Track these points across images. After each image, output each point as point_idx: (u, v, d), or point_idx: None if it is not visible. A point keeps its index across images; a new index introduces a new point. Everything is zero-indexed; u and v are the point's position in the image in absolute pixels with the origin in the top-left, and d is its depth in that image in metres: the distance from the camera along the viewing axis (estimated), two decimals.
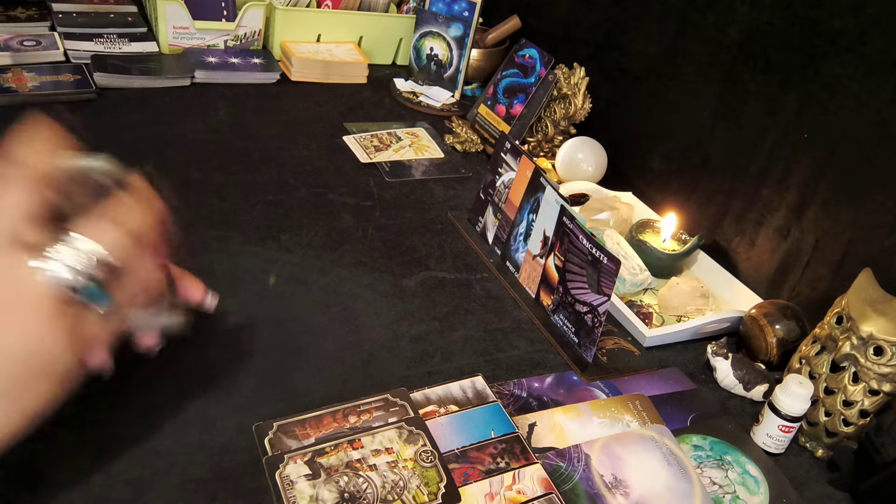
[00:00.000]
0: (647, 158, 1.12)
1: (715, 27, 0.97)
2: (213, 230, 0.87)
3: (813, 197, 0.86)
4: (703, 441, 0.72)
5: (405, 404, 0.68)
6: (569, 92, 1.14)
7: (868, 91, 0.78)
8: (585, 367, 0.77)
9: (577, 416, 0.71)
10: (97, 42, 1.21)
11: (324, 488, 0.58)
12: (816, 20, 0.83)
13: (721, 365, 0.79)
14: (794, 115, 0.87)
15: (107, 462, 0.57)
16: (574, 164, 1.11)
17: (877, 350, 0.67)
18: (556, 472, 0.64)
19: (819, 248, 0.85)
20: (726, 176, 0.98)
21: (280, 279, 0.82)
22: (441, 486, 0.60)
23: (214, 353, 0.70)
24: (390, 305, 0.82)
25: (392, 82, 1.36)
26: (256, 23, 1.31)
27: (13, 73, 1.09)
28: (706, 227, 1.01)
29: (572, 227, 0.78)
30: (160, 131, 1.06)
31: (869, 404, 0.68)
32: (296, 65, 1.29)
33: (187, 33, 1.25)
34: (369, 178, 1.06)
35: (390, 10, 1.44)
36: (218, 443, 0.61)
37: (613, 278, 0.72)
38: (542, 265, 0.84)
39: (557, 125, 1.16)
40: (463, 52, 1.30)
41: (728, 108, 0.97)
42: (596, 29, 1.21)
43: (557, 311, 0.82)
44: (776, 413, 0.70)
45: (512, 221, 0.90)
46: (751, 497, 0.66)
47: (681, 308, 0.88)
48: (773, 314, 0.81)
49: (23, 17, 1.23)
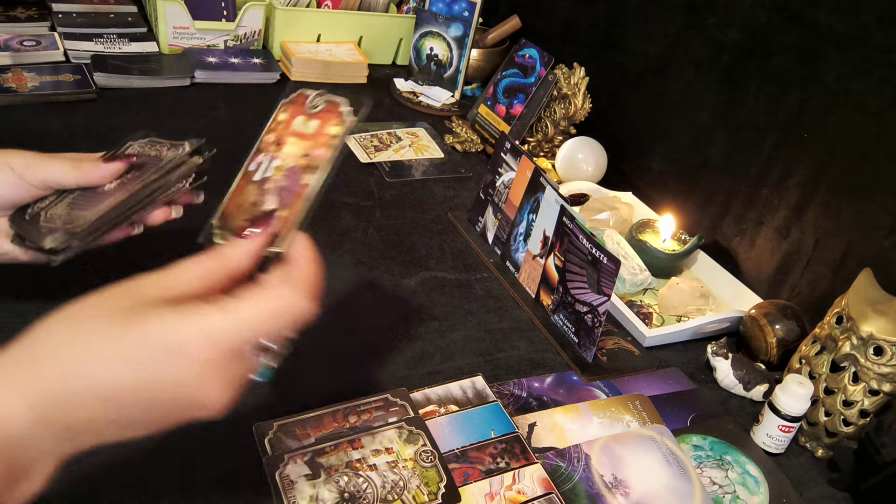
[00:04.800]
0: (647, 158, 1.12)
1: (715, 27, 0.97)
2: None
3: (813, 197, 0.86)
4: (703, 441, 0.72)
5: (405, 404, 0.68)
6: (569, 92, 1.14)
7: (868, 91, 0.78)
8: (585, 367, 0.77)
9: (577, 416, 0.71)
10: (97, 42, 1.21)
11: (324, 488, 0.58)
12: (816, 20, 0.83)
13: (721, 365, 0.79)
14: (794, 115, 0.87)
15: (107, 462, 0.57)
16: (574, 164, 1.11)
17: (877, 350, 0.67)
18: (556, 472, 0.64)
19: (819, 248, 0.86)
20: (726, 176, 0.98)
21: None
22: (441, 486, 0.60)
23: None
24: (390, 305, 0.82)
25: (392, 82, 1.36)
26: (256, 23, 1.31)
27: (13, 73, 1.09)
28: (706, 227, 1.01)
29: (572, 227, 0.78)
30: (160, 131, 1.06)
31: (869, 404, 0.68)
32: (296, 65, 1.29)
33: (187, 33, 1.25)
34: (369, 177, 1.06)
35: (390, 10, 1.44)
36: (218, 443, 0.61)
37: (613, 278, 0.72)
38: (542, 265, 0.84)
39: (557, 125, 1.16)
40: (463, 52, 1.30)
41: (728, 108, 0.97)
42: (596, 29, 1.21)
43: (557, 311, 0.82)
44: (776, 413, 0.70)
45: (512, 221, 0.90)
46: (751, 497, 0.66)
47: (681, 308, 0.88)
48: (773, 314, 0.81)
49: (23, 17, 1.23)
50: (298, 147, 0.51)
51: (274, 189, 0.49)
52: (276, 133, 0.52)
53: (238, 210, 0.50)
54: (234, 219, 0.50)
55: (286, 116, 0.52)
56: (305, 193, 0.49)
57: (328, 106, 0.52)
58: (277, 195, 0.49)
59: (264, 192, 0.50)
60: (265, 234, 0.47)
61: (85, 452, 0.40)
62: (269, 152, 0.51)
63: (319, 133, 0.51)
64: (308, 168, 0.49)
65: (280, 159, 0.50)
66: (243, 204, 0.50)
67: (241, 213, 0.50)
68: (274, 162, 0.51)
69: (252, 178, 0.51)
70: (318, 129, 0.51)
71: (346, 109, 0.51)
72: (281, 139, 0.51)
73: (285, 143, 0.51)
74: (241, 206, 0.50)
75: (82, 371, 0.38)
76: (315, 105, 0.52)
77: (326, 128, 0.51)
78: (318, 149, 0.50)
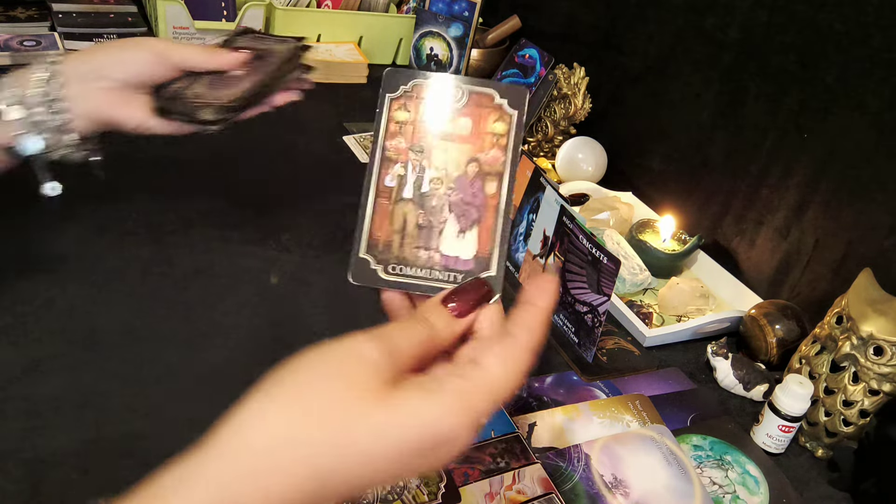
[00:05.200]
0: (647, 158, 1.12)
1: (715, 27, 0.97)
2: (213, 230, 0.87)
3: (813, 197, 0.86)
4: (703, 441, 0.72)
5: None
6: (569, 92, 1.14)
7: (868, 91, 0.78)
8: (585, 367, 0.77)
9: (577, 416, 0.71)
10: (97, 42, 1.21)
11: None
12: (816, 20, 0.83)
13: (721, 365, 0.79)
14: (794, 115, 0.87)
15: (107, 461, 0.57)
16: (574, 164, 1.11)
17: (877, 350, 0.67)
18: (556, 472, 0.64)
19: (819, 248, 0.85)
20: (726, 176, 0.98)
21: (280, 279, 0.82)
22: (441, 486, 0.60)
23: (214, 353, 0.70)
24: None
25: None
26: (256, 23, 1.31)
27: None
28: (706, 227, 1.01)
29: (572, 227, 0.78)
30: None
31: (869, 404, 0.68)
32: None
33: (187, 33, 1.25)
34: None
35: (390, 10, 1.44)
36: None
37: (613, 278, 0.72)
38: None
39: (557, 125, 1.16)
40: (463, 52, 1.30)
41: (728, 108, 0.97)
42: (596, 29, 1.21)
43: (557, 311, 0.82)
44: (776, 413, 0.70)
45: (512, 221, 0.90)
46: (751, 497, 0.66)
47: (681, 308, 0.88)
48: (773, 314, 0.81)
49: (23, 17, 1.23)
50: (456, 152, 0.42)
51: (447, 206, 0.42)
52: (407, 137, 0.43)
53: (395, 235, 0.42)
54: (397, 248, 0.42)
55: (410, 115, 0.43)
56: (496, 206, 0.42)
57: (475, 98, 0.43)
58: (459, 213, 0.42)
59: (432, 212, 0.42)
60: (469, 294, 0.39)
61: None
62: (407, 161, 0.43)
63: (479, 133, 0.43)
64: (486, 175, 0.42)
65: (434, 169, 0.42)
66: (401, 228, 0.42)
67: (404, 239, 0.42)
68: (428, 173, 0.42)
69: (398, 195, 0.42)
70: (475, 129, 0.43)
71: (501, 101, 0.43)
72: (421, 144, 0.43)
73: (433, 149, 0.43)
74: (400, 231, 0.42)
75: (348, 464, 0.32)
76: (454, 96, 0.43)
77: (485, 125, 0.43)
78: (485, 151, 0.42)
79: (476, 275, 0.42)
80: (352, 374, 0.33)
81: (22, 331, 0.67)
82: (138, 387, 0.64)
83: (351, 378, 0.33)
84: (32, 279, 0.74)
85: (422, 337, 0.37)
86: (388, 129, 0.43)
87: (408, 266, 0.42)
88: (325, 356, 0.34)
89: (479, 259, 0.42)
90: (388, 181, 0.42)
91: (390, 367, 0.34)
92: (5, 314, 0.69)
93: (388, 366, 0.34)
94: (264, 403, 0.33)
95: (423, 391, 0.33)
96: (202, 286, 0.78)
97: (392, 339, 0.35)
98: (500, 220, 0.42)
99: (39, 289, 0.73)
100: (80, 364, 0.65)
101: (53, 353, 0.66)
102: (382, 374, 0.34)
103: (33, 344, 0.66)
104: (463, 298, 0.39)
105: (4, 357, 0.64)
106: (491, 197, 0.42)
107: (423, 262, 0.42)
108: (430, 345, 0.37)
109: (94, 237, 0.81)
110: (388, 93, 0.43)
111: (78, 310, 0.71)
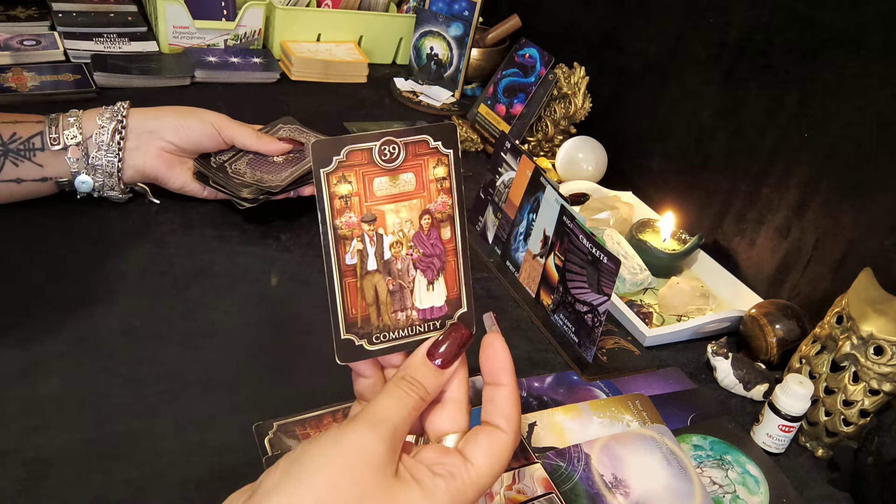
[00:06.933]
0: (647, 158, 1.12)
1: (715, 27, 0.97)
2: (213, 230, 0.87)
3: (813, 197, 0.86)
4: (703, 441, 0.72)
5: None
6: (569, 91, 1.14)
7: (868, 90, 0.78)
8: (585, 367, 0.78)
9: (577, 415, 0.71)
10: (97, 41, 1.21)
11: None
12: (816, 19, 0.83)
13: (721, 365, 0.79)
14: (794, 115, 0.87)
15: (107, 462, 0.57)
16: (574, 163, 1.11)
17: (877, 350, 0.67)
18: (556, 471, 0.64)
19: (819, 248, 0.85)
20: (726, 175, 0.98)
21: (280, 279, 0.82)
22: None
23: (214, 353, 0.70)
24: None
25: (392, 82, 1.36)
26: (256, 22, 1.31)
27: (13, 72, 1.09)
28: (706, 227, 1.01)
29: (572, 227, 0.78)
30: None
31: (869, 404, 0.68)
32: (296, 64, 1.29)
33: (187, 33, 1.25)
34: None
35: (390, 9, 1.44)
36: (218, 443, 0.61)
37: (613, 278, 0.72)
38: (542, 265, 0.84)
39: (557, 125, 1.16)
40: (463, 52, 1.30)
41: (728, 108, 0.97)
42: (596, 29, 1.21)
43: (557, 310, 0.82)
44: (776, 413, 0.70)
45: (512, 221, 0.90)
46: (751, 497, 0.66)
47: (681, 308, 0.88)
48: (774, 314, 0.81)
49: (23, 17, 1.23)
50: (407, 211, 0.41)
51: (410, 265, 0.42)
52: (356, 210, 0.40)
53: (370, 308, 0.42)
54: (376, 319, 0.42)
55: (351, 188, 0.40)
56: (454, 248, 0.42)
57: (412, 148, 0.40)
58: (424, 267, 0.42)
59: (399, 275, 0.42)
60: (450, 344, 0.42)
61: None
62: (363, 234, 0.41)
63: (424, 183, 0.41)
64: (440, 223, 0.42)
65: (391, 234, 0.41)
66: (373, 300, 0.41)
67: (380, 308, 0.42)
68: (386, 240, 0.41)
69: (363, 269, 0.41)
70: (419, 181, 0.41)
71: (436, 144, 0.41)
72: (370, 215, 0.41)
73: (385, 214, 0.41)
74: (373, 304, 0.41)
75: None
76: (390, 154, 0.40)
77: (427, 173, 0.41)
78: (434, 201, 0.41)
79: (451, 315, 0.43)
80: (362, 478, 0.35)
81: (22, 331, 0.67)
82: (138, 387, 0.64)
83: (363, 484, 0.35)
84: (32, 279, 0.74)
85: (415, 403, 0.39)
86: (333, 207, 0.40)
87: (390, 332, 0.42)
88: (330, 458, 0.36)
89: (450, 302, 0.43)
90: (350, 259, 0.41)
91: (392, 455, 0.37)
92: (5, 314, 0.69)
93: (391, 456, 0.36)
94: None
95: (424, 493, 0.36)
96: (202, 286, 0.78)
97: (391, 422, 0.37)
98: (461, 261, 0.43)
99: (39, 289, 0.73)
100: (80, 364, 0.65)
101: (53, 353, 0.66)
102: (387, 469, 0.36)
103: (33, 344, 0.66)
104: (445, 349, 0.42)
105: (4, 357, 0.64)
106: (447, 242, 0.42)
107: (404, 324, 0.42)
108: (423, 405, 0.40)
109: (95, 236, 0.81)
110: (321, 168, 0.39)
111: (78, 310, 0.71)
